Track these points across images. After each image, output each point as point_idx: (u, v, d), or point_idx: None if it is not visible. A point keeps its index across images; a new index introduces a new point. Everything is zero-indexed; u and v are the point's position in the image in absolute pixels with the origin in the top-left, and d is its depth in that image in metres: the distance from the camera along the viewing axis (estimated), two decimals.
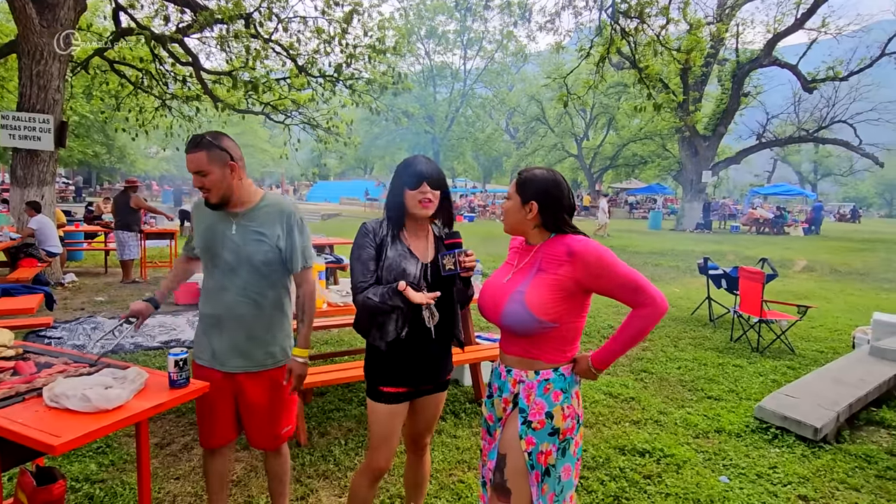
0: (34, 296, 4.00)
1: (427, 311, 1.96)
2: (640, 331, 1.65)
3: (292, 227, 2.12)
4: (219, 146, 2.01)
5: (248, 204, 2.12)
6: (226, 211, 2.10)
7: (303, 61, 10.27)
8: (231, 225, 2.10)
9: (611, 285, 1.65)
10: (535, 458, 1.69)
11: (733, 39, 21.06)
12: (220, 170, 2.01)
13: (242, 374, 2.13)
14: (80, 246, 10.56)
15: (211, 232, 2.11)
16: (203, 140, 1.99)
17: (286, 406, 2.24)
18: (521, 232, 1.82)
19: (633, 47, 8.75)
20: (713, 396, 4.32)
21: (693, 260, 12.40)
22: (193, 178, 2.02)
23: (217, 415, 2.18)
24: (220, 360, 2.12)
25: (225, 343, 2.11)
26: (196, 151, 1.98)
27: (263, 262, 2.09)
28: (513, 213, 1.78)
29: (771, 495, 2.91)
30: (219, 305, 2.11)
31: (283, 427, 2.26)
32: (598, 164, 37.25)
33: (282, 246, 2.11)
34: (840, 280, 10.90)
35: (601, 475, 3.06)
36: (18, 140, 7.29)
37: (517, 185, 1.77)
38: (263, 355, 2.14)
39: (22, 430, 1.55)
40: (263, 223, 2.10)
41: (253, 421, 2.20)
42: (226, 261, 2.09)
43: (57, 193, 9.75)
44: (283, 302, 2.20)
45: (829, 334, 6.43)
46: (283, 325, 2.21)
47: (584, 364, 1.74)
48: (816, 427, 3.47)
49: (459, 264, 1.85)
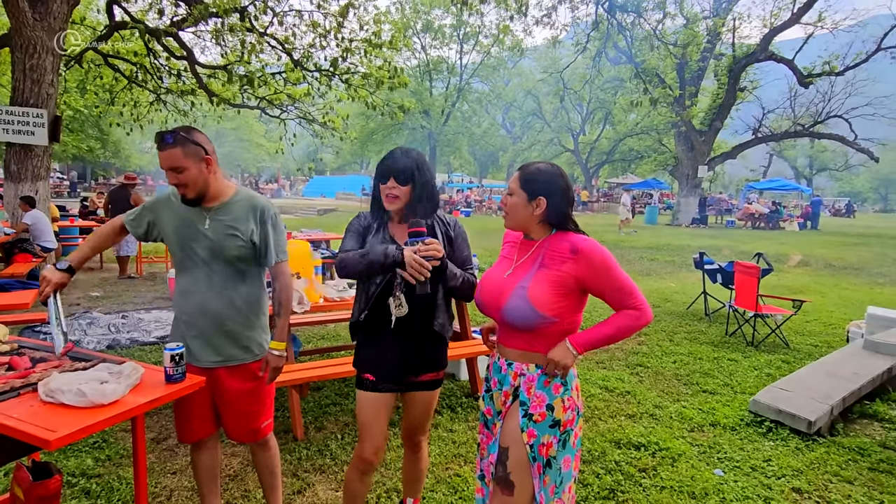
0: (29, 291, 3.98)
1: (394, 300, 1.95)
2: (625, 327, 1.68)
3: (265, 222, 2.11)
4: (193, 141, 1.97)
5: (222, 198, 2.10)
6: (199, 206, 2.07)
7: (298, 55, 10.21)
8: (204, 220, 2.07)
9: (608, 287, 1.68)
10: (536, 450, 1.70)
11: (730, 34, 21.09)
12: (195, 165, 1.98)
13: (220, 369, 2.13)
14: (75, 241, 10.50)
15: (184, 227, 2.09)
16: (177, 136, 1.95)
17: (263, 400, 2.24)
18: (524, 228, 1.80)
19: (629, 42, 8.76)
20: (708, 390, 4.35)
21: (689, 255, 12.44)
22: (168, 174, 1.97)
23: (193, 409, 2.17)
24: (196, 356, 2.12)
25: (200, 339, 2.11)
26: (170, 148, 1.94)
27: (237, 257, 2.08)
28: (519, 209, 1.76)
29: (765, 488, 2.93)
30: (193, 301, 2.10)
31: (262, 421, 2.25)
32: (594, 158, 37.30)
33: (255, 240, 2.10)
34: (835, 274, 10.96)
35: (597, 468, 3.07)
36: (12, 135, 7.23)
37: (522, 180, 1.75)
38: (240, 350, 2.14)
39: (17, 425, 1.55)
40: (237, 218, 2.09)
41: (230, 415, 2.20)
42: (199, 256, 2.07)
43: (51, 188, 9.69)
44: (257, 296, 2.20)
45: (824, 328, 6.46)
46: (259, 320, 2.21)
47: (560, 348, 1.68)
48: (810, 420, 3.49)
49: (416, 253, 1.79)
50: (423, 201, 1.99)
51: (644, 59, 7.97)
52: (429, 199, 2.01)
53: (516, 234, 1.91)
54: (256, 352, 2.18)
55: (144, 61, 11.01)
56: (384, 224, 2.05)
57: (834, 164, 46.28)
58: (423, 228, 1.84)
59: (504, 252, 1.91)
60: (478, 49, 34.27)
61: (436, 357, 2.11)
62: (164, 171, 2.00)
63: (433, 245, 1.81)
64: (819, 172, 49.51)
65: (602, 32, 8.44)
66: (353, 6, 9.23)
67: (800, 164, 48.89)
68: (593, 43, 8.72)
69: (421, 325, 2.02)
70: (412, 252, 1.79)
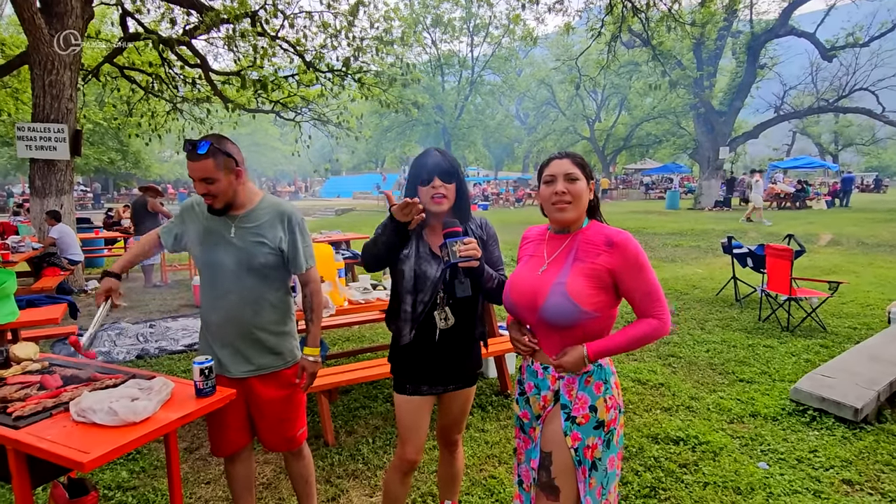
0: (58, 306, 4.03)
1: (440, 313, 1.91)
2: (643, 337, 1.63)
3: (293, 229, 2.10)
4: (225, 152, 1.95)
5: (248, 206, 2.08)
6: (224, 215, 2.05)
7: (310, 57, 10.20)
8: (230, 228, 2.05)
9: (636, 286, 1.62)
10: (581, 453, 1.64)
11: (747, 10, 20.52)
12: (226, 177, 1.97)
13: (253, 378, 2.11)
14: (101, 252, 10.68)
15: (209, 236, 2.06)
16: (210, 146, 1.91)
17: (297, 408, 2.22)
18: (580, 217, 1.71)
19: (645, 24, 8.54)
20: (745, 379, 4.22)
21: (714, 239, 12.18)
22: (197, 184, 1.96)
23: (227, 422, 2.15)
24: (227, 367, 2.09)
25: (229, 349, 2.09)
26: (202, 159, 1.91)
27: (264, 265, 2.05)
28: (585, 195, 1.68)
29: (813, 480, 2.82)
30: (221, 311, 2.07)
31: (298, 429, 2.23)
32: (611, 145, 36.75)
33: (284, 248, 2.07)
34: (868, 252, 10.61)
35: (635, 465, 2.99)
36: (35, 151, 7.36)
37: (579, 164, 1.68)
38: (270, 358, 2.12)
39: (51, 448, 1.54)
40: (263, 225, 2.06)
41: (265, 424, 2.18)
42: (226, 265, 2.04)
43: (75, 201, 9.86)
44: (285, 302, 2.17)
45: (861, 309, 6.24)
46: (288, 326, 2.18)
47: (576, 352, 1.63)
48: (857, 407, 3.36)
49: (456, 254, 1.72)
50: (465, 199, 1.96)
51: (661, 42, 7.77)
52: (468, 197, 1.99)
53: (539, 230, 1.84)
54: (288, 358, 2.16)
55: (159, 71, 11.12)
56: (420, 234, 1.96)
57: (860, 139, 44.81)
58: (458, 228, 1.76)
59: (528, 251, 1.83)
60: (488, 41, 33.95)
61: (474, 357, 2.10)
62: (189, 180, 1.98)
63: (472, 244, 1.76)
64: (845, 148, 48.06)
65: (616, 17, 8.22)
66: (364, 4, 9.17)
67: (824, 140, 47.53)
68: (607, 27, 8.52)
69: (463, 334, 1.99)
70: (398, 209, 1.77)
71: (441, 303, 1.93)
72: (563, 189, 1.66)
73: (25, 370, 2.11)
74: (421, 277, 1.92)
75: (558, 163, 1.69)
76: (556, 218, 1.70)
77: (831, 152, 45.60)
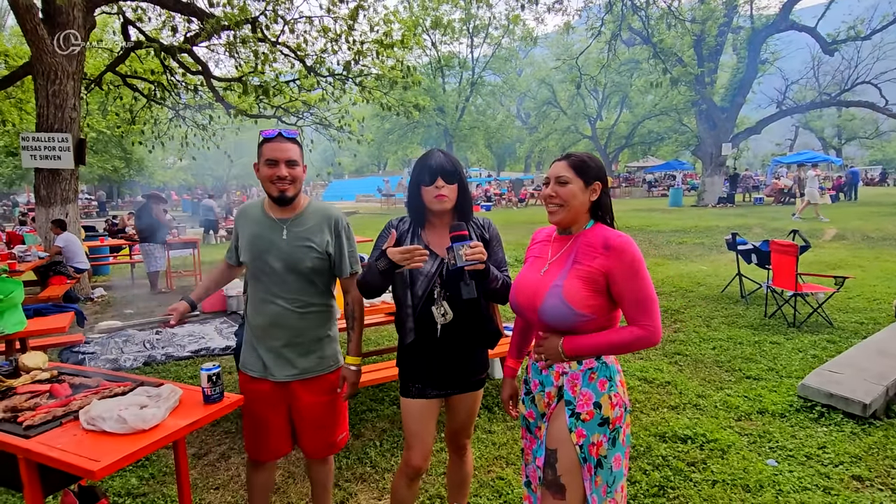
0: (65, 314, 4.05)
1: (437, 308, 1.91)
2: (625, 343, 1.63)
3: (340, 233, 2.12)
4: (301, 145, 2.06)
5: (298, 209, 2.11)
6: (274, 218, 2.08)
7: (311, 61, 10.22)
8: (281, 231, 2.07)
9: (629, 290, 1.61)
10: (586, 450, 1.64)
11: (747, 6, 20.46)
12: (302, 166, 2.05)
13: (296, 382, 2.10)
14: (106, 260, 10.74)
15: (258, 239, 2.08)
16: (295, 137, 2.02)
17: (340, 412, 2.22)
18: (576, 219, 1.72)
19: (644, 21, 8.54)
20: (752, 376, 4.21)
21: (718, 236, 12.14)
22: (279, 166, 1.97)
23: (270, 428, 2.14)
24: (271, 371, 2.09)
25: (275, 352, 2.09)
26: (290, 143, 2.00)
27: (311, 269, 2.07)
28: (578, 197, 1.68)
29: (823, 477, 2.81)
30: (267, 315, 2.08)
31: (339, 434, 2.23)
32: (613, 143, 36.70)
33: (331, 252, 2.09)
34: (874, 247, 10.55)
35: (643, 464, 2.99)
36: (40, 160, 7.40)
37: (575, 167, 1.69)
38: (315, 362, 2.12)
39: (61, 456, 1.55)
40: (311, 229, 2.08)
41: (308, 429, 2.16)
42: (274, 269, 2.05)
43: (80, 209, 9.90)
44: (330, 306, 2.19)
45: (868, 304, 6.22)
46: (332, 330, 2.20)
47: (553, 342, 1.67)
48: (865, 403, 3.35)
49: (462, 258, 1.73)
50: (467, 199, 1.98)
51: (661, 39, 7.74)
52: (470, 198, 2.01)
53: (548, 231, 1.85)
54: (331, 363, 2.17)
55: (161, 79, 11.17)
56: (417, 232, 1.99)
57: (864, 132, 44.62)
58: (465, 232, 1.77)
59: (535, 251, 1.85)
60: (488, 41, 33.98)
61: (480, 359, 2.09)
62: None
63: (479, 248, 1.76)
64: (848, 142, 47.86)
65: (616, 15, 8.22)
66: (363, 8, 9.18)
67: (827, 134, 47.33)
68: (607, 26, 8.52)
69: (466, 332, 1.99)
70: (397, 252, 1.77)
71: (438, 297, 1.93)
72: (552, 192, 1.70)
73: (35, 379, 2.12)
74: (414, 272, 1.93)
75: (555, 165, 1.73)
76: (549, 220, 1.75)
77: (834, 146, 45.41)
